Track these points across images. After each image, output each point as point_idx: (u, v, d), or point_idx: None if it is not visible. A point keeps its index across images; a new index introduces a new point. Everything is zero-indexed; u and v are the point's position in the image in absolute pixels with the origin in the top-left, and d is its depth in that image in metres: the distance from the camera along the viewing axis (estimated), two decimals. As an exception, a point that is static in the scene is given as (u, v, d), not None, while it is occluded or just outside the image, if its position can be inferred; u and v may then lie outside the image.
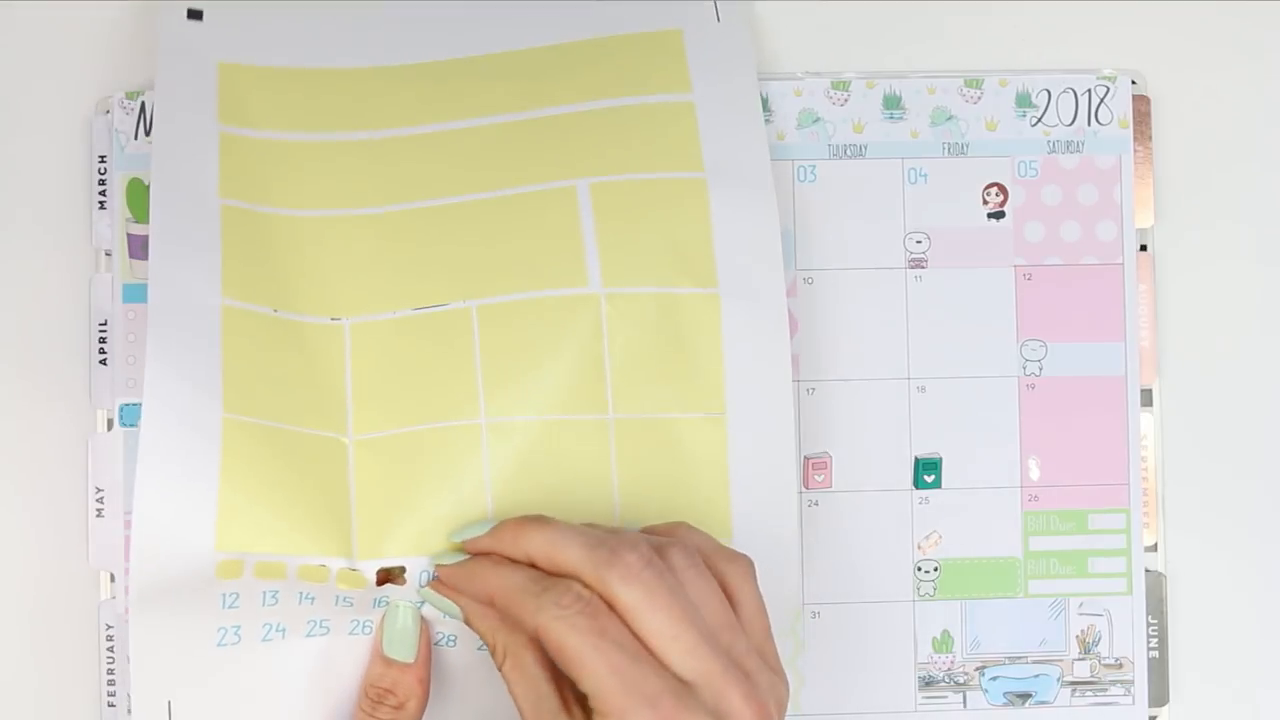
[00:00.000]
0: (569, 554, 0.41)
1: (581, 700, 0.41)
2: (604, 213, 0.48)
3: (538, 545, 0.42)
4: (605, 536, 0.42)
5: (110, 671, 0.51)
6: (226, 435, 0.45)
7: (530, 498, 0.46)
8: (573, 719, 0.41)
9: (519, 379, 0.47)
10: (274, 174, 0.49)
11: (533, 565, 0.43)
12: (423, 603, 0.45)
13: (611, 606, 0.40)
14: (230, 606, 0.43)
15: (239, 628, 0.43)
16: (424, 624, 0.45)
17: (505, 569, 0.43)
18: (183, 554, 0.43)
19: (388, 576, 0.45)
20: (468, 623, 0.44)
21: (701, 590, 0.41)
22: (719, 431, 0.48)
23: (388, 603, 0.45)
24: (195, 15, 0.50)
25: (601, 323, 0.47)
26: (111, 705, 0.51)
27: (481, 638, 0.43)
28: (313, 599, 0.44)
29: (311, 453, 0.46)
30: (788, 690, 0.42)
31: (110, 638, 0.51)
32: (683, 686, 0.39)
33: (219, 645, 0.43)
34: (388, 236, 0.48)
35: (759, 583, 0.43)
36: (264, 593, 0.44)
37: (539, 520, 0.43)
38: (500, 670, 0.42)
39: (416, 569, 0.46)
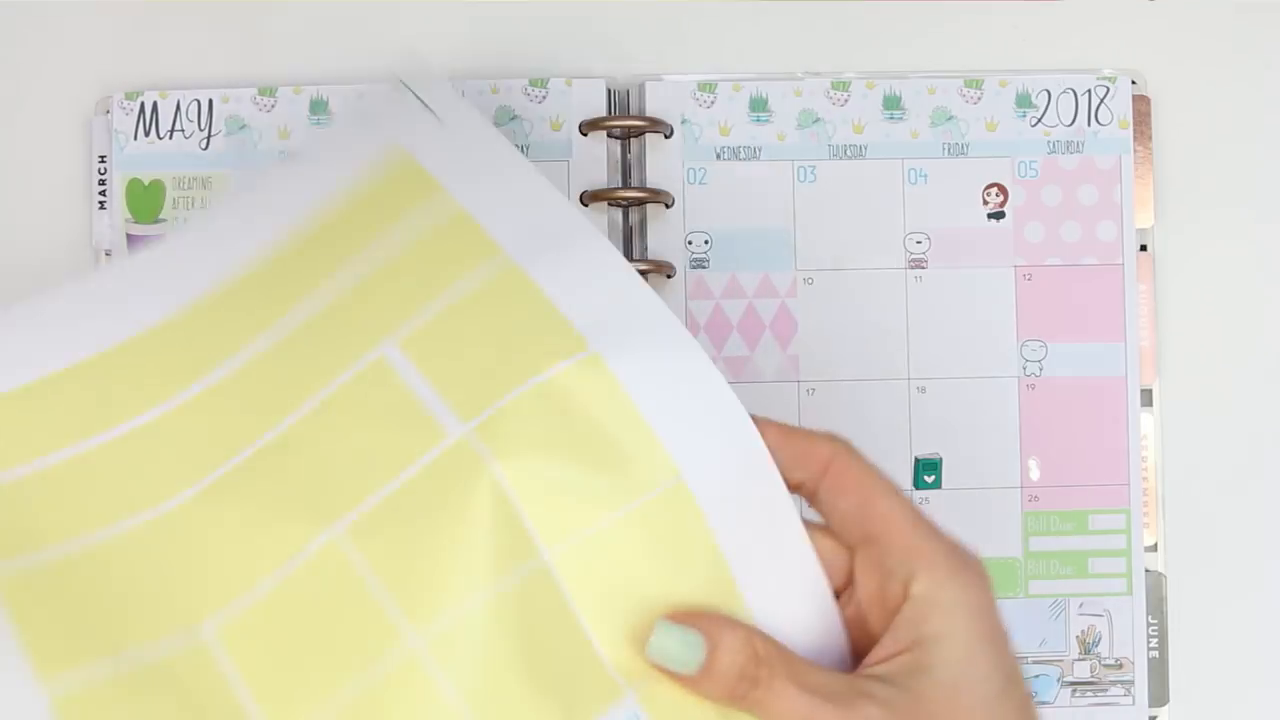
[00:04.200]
0: None
1: None
2: (422, 355, 0.40)
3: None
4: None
5: (110, 671, 0.50)
6: None
7: (519, 692, 0.37)
8: None
9: (434, 576, 0.38)
10: (30, 513, 0.39)
11: None
12: None
13: None
14: None
15: None
16: None
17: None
18: None
19: None
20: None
21: None
22: (686, 502, 0.38)
23: None
24: None
25: (483, 459, 0.38)
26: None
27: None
28: None
29: None
30: None
31: (110, 638, 0.50)
32: None
33: None
34: (199, 520, 0.39)
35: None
36: None
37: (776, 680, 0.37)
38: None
39: None
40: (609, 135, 0.53)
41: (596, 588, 0.38)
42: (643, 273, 0.52)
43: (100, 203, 0.52)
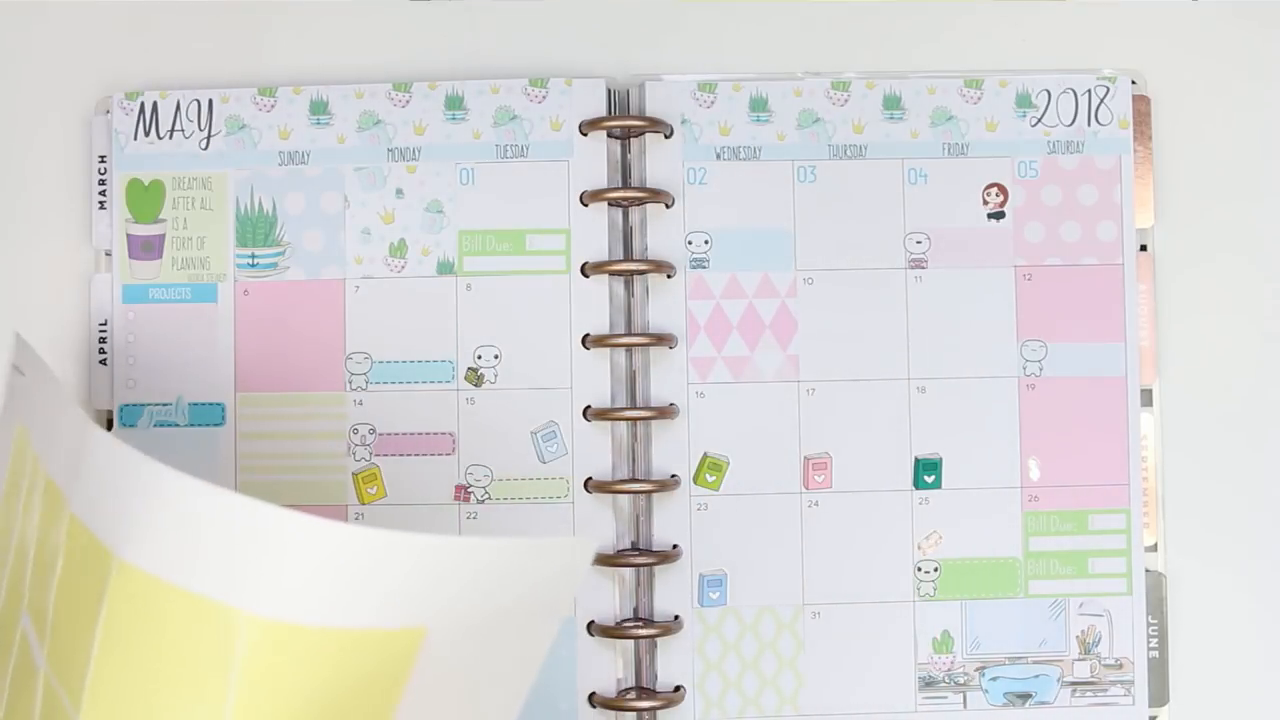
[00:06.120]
0: None
1: None
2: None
3: None
4: None
5: (110, 671, 0.50)
6: None
7: None
8: None
9: None
10: None
11: None
12: None
13: None
14: None
15: None
16: None
17: None
18: None
19: None
20: None
21: None
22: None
23: None
24: None
25: None
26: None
27: None
28: None
29: None
30: None
31: (110, 638, 0.50)
32: None
33: None
34: None
35: None
36: None
37: None
38: None
39: None
40: (609, 135, 0.53)
41: None
42: (642, 273, 0.52)
43: (100, 203, 0.52)
